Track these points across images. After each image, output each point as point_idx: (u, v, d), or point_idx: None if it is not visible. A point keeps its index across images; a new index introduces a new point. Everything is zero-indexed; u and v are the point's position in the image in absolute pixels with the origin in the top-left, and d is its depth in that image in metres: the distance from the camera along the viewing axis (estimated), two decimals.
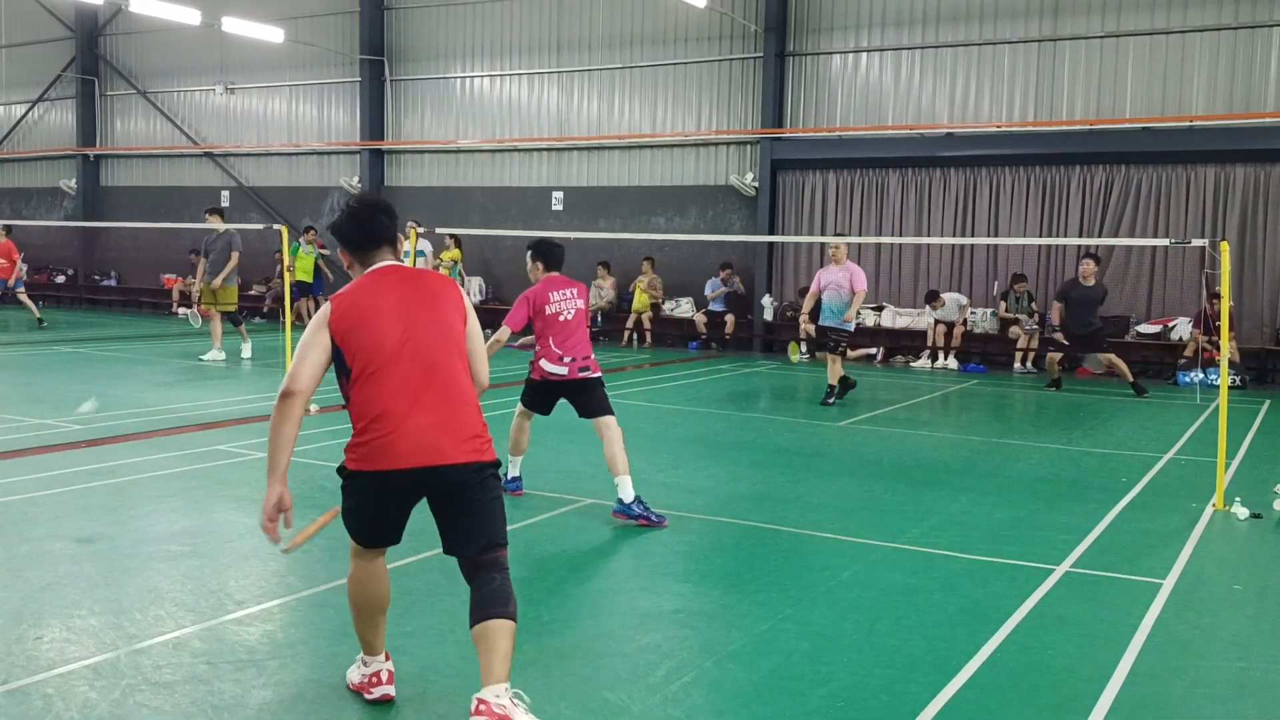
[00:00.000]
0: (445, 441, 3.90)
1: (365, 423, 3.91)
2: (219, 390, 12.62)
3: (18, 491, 7.29)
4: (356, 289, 4.01)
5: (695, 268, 20.42)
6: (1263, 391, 15.10)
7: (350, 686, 4.25)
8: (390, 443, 3.86)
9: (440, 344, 3.99)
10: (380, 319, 3.93)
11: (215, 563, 5.86)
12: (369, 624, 4.17)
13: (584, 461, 8.91)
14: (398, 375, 3.90)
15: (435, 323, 4.01)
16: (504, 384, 11.87)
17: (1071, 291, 14.47)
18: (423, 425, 3.88)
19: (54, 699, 4.08)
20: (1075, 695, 4.33)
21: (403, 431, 3.86)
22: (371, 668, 4.17)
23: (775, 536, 6.70)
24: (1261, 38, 16.08)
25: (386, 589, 4.22)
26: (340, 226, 4.16)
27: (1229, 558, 6.61)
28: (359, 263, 4.14)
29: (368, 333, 3.91)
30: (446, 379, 3.97)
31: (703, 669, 4.51)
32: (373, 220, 4.13)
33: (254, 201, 24.84)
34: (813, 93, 19.31)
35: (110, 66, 27.40)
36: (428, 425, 3.88)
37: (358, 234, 4.12)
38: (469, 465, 3.92)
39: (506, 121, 22.31)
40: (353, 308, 3.94)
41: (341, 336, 3.90)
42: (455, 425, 3.94)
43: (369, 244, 4.12)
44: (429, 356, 3.95)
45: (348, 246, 4.15)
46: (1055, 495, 8.08)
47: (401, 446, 3.86)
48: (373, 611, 4.16)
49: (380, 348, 3.90)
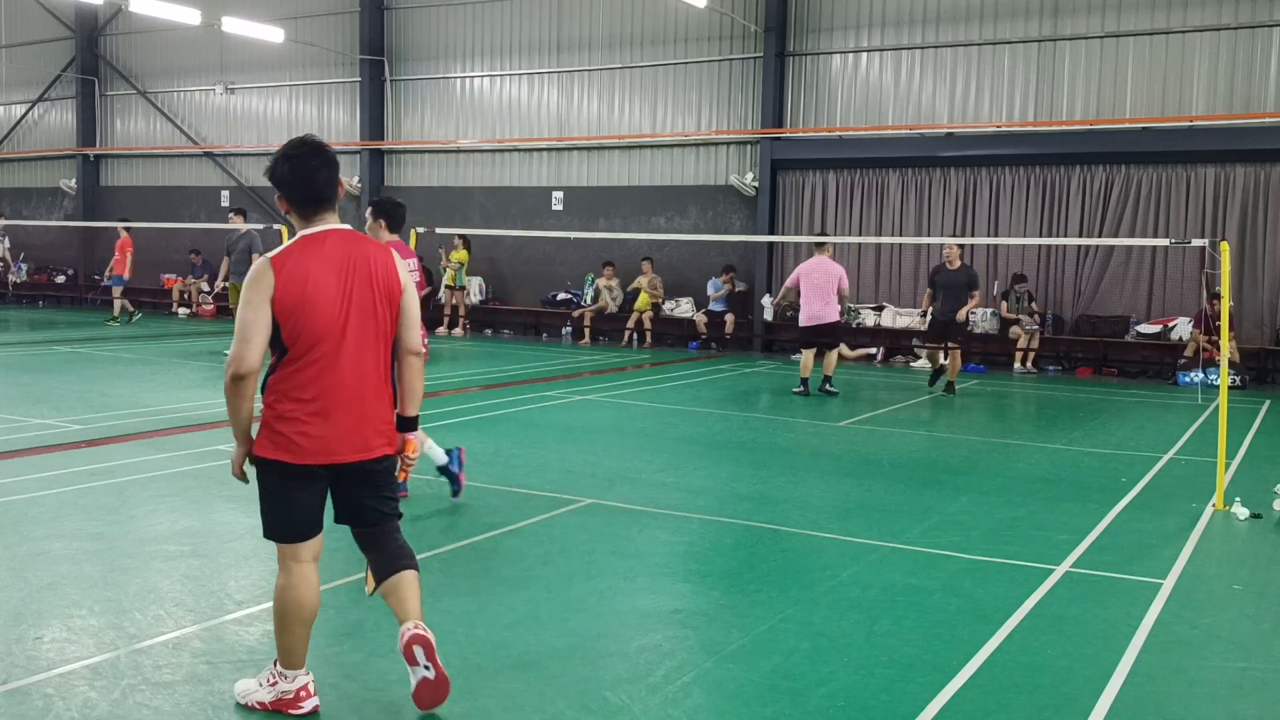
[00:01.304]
0: (371, 436, 4.01)
1: (296, 408, 3.89)
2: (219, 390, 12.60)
3: (18, 491, 7.29)
4: (300, 259, 3.90)
5: (695, 268, 20.43)
6: (1263, 391, 15.10)
7: (258, 705, 4.03)
8: (324, 435, 3.90)
9: (374, 329, 4.00)
10: (326, 303, 3.88)
11: (215, 563, 5.86)
12: (297, 635, 4.03)
13: (584, 461, 8.91)
14: (336, 366, 3.91)
15: (373, 306, 3.98)
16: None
17: (937, 276, 13.82)
18: (355, 420, 3.95)
19: (54, 699, 4.08)
20: (1075, 695, 4.33)
21: (341, 425, 3.92)
22: (297, 682, 4.04)
23: (775, 536, 6.70)
24: (1261, 38, 16.09)
25: (316, 597, 4.07)
26: (281, 176, 4.04)
27: (1229, 558, 6.61)
28: (298, 216, 4.05)
29: (311, 315, 3.86)
30: (374, 370, 4.01)
31: (703, 669, 4.51)
32: (315, 172, 4.03)
33: (254, 201, 24.84)
34: (813, 93, 19.32)
35: (110, 66, 27.40)
36: (357, 420, 3.96)
37: (299, 187, 4.03)
38: (387, 457, 4.10)
39: (506, 121, 22.31)
40: (297, 284, 3.84)
41: (283, 314, 3.84)
42: (378, 418, 4.04)
43: (310, 201, 4.03)
44: (365, 346, 3.97)
45: (288, 197, 4.05)
46: (1055, 495, 8.08)
47: (335, 442, 3.92)
48: (303, 622, 4.04)
49: (323, 336, 3.89)
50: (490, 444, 9.52)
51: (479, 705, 4.09)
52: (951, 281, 13.44)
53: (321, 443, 3.90)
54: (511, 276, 22.45)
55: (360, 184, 23.73)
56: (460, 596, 5.34)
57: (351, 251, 4.00)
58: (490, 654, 4.59)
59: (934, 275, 13.84)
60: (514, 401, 12.28)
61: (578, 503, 7.40)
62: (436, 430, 10.21)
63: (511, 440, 9.76)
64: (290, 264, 3.88)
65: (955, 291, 13.40)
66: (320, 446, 3.90)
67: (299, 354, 3.88)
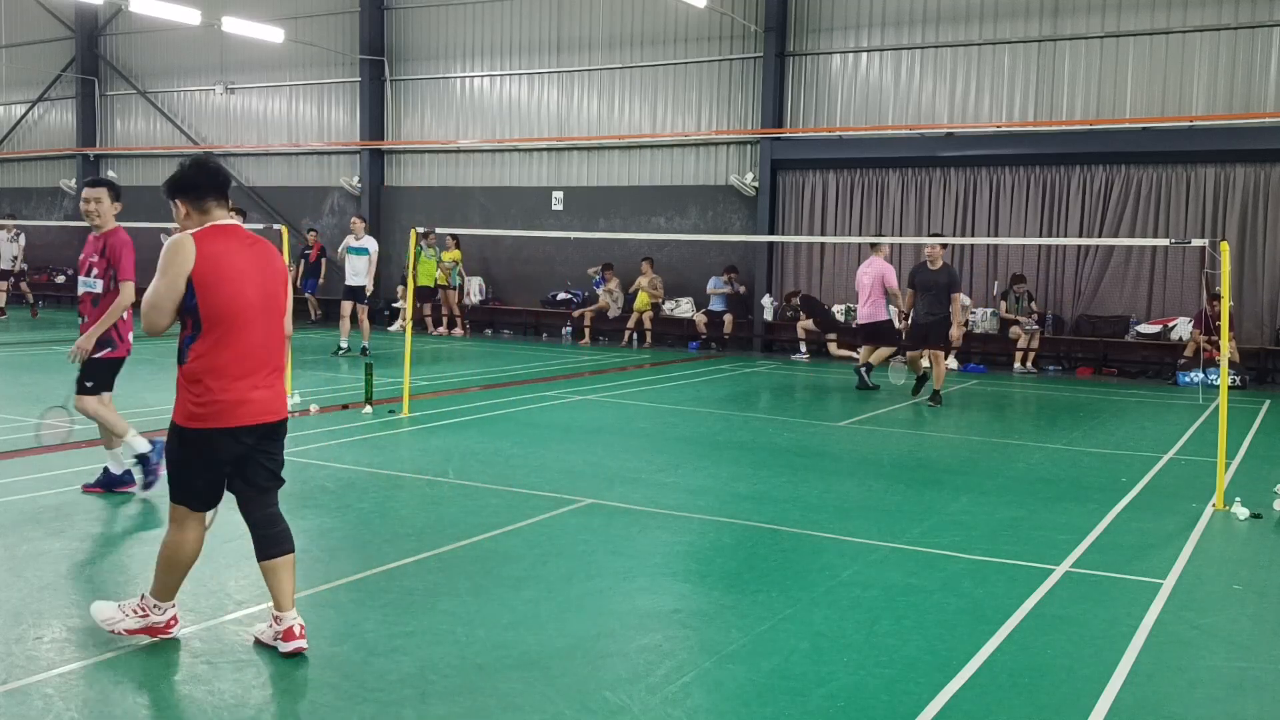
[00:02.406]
0: (278, 400, 4.57)
1: (218, 380, 4.35)
2: None
3: (18, 491, 7.28)
4: (215, 240, 4.37)
5: (695, 268, 20.43)
6: (1263, 391, 15.10)
7: (124, 632, 4.58)
8: (245, 400, 4.39)
9: (277, 308, 4.57)
10: (241, 281, 4.38)
11: (215, 563, 5.85)
12: (178, 578, 4.61)
13: (584, 461, 8.91)
14: (251, 338, 4.42)
15: (275, 287, 4.55)
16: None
17: (917, 276, 13.02)
18: (268, 384, 4.50)
19: (54, 699, 4.08)
20: (1075, 695, 4.33)
21: (255, 392, 4.43)
22: (168, 613, 4.62)
23: (775, 536, 6.70)
24: (1261, 38, 16.09)
25: (200, 548, 4.63)
26: (189, 176, 4.49)
27: (1229, 558, 6.61)
28: (198, 213, 4.48)
29: (228, 292, 4.34)
30: (279, 342, 4.60)
31: (703, 669, 4.51)
32: (219, 172, 4.56)
33: (254, 201, 24.83)
34: (813, 93, 19.32)
35: (110, 66, 27.41)
36: (270, 385, 4.51)
37: (206, 182, 4.48)
38: (285, 420, 4.65)
39: (506, 121, 22.31)
40: (216, 260, 4.33)
41: (202, 287, 4.30)
42: (281, 384, 4.62)
43: (212, 194, 4.49)
44: (272, 320, 4.53)
45: (192, 194, 4.47)
46: (1055, 495, 8.07)
47: (255, 405, 4.43)
48: (186, 568, 4.62)
49: (240, 310, 4.37)
50: (490, 444, 9.53)
51: (479, 705, 4.09)
52: (932, 282, 12.74)
53: (248, 407, 4.41)
54: (511, 276, 22.44)
55: (360, 184, 23.73)
56: (460, 596, 5.34)
57: (255, 242, 4.57)
58: (490, 654, 4.59)
59: (913, 276, 13.10)
60: (514, 401, 12.28)
61: (578, 503, 7.40)
62: (437, 430, 10.22)
63: (511, 440, 9.76)
64: (209, 242, 4.36)
65: (936, 293, 12.72)
66: (247, 411, 4.41)
67: (214, 327, 4.34)
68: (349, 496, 7.42)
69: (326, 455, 8.81)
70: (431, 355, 17.34)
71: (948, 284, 12.77)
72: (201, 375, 4.35)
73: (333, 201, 24.21)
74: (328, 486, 7.70)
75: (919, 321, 12.93)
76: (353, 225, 17.18)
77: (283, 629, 4.50)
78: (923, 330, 12.89)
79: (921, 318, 12.87)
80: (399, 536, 6.45)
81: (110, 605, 4.68)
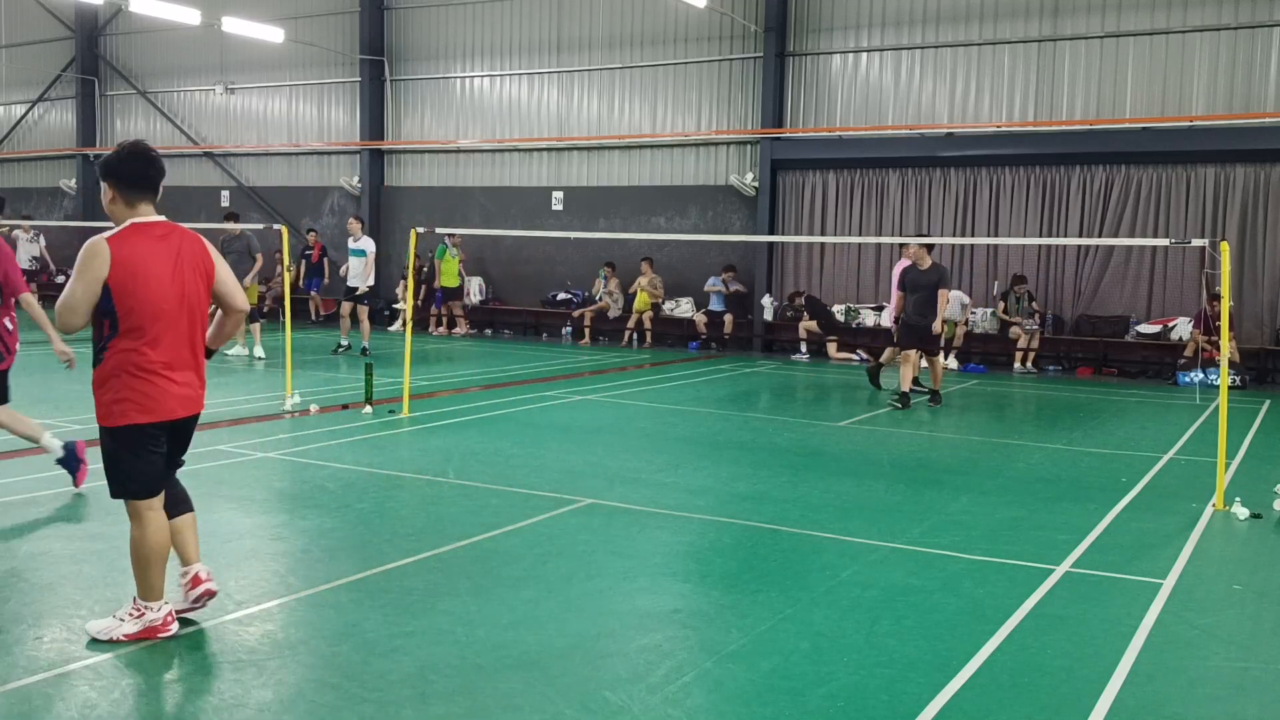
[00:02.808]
0: (199, 394, 4.75)
1: (147, 376, 4.48)
2: (219, 390, 12.61)
3: (18, 491, 7.29)
4: (134, 241, 4.47)
5: (695, 268, 20.43)
6: (1263, 391, 15.10)
7: (123, 638, 4.59)
8: (167, 395, 4.55)
9: (199, 304, 4.67)
10: (159, 282, 4.48)
11: (215, 563, 5.85)
12: (159, 572, 4.66)
13: (584, 461, 8.92)
14: (172, 335, 4.55)
15: (196, 285, 4.63)
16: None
17: (907, 277, 12.82)
18: (189, 380, 4.66)
19: (54, 699, 4.08)
20: (1075, 695, 4.33)
21: (178, 387, 4.59)
22: (162, 611, 4.67)
23: (775, 536, 6.70)
24: (1261, 38, 16.09)
25: (169, 534, 4.75)
26: (121, 163, 4.55)
27: (1229, 558, 6.61)
28: (124, 202, 4.57)
29: (144, 295, 4.44)
30: (198, 338, 4.71)
31: (703, 669, 4.51)
32: (152, 164, 4.62)
33: (254, 201, 24.84)
34: (813, 93, 19.32)
35: (110, 66, 27.41)
36: (191, 380, 4.67)
37: (138, 172, 4.56)
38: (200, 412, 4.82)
39: (506, 121, 22.31)
40: (131, 264, 4.42)
41: (119, 291, 4.40)
42: (200, 379, 4.76)
43: (143, 186, 4.58)
44: (192, 318, 4.64)
45: (123, 180, 4.55)
46: (1055, 495, 8.07)
47: (176, 401, 4.59)
48: (163, 559, 4.69)
49: (159, 310, 4.49)
50: (490, 444, 9.53)
51: (479, 705, 4.09)
52: (922, 283, 12.58)
53: (174, 402, 4.59)
54: (511, 276, 22.44)
55: (360, 184, 23.73)
56: (460, 596, 5.34)
57: (176, 238, 4.63)
58: (490, 654, 4.59)
59: (903, 277, 12.89)
60: (514, 401, 12.28)
61: (578, 503, 7.40)
62: (437, 430, 10.22)
63: (511, 440, 9.76)
64: (126, 246, 4.45)
65: (927, 293, 12.56)
66: (173, 405, 4.59)
67: (133, 327, 4.45)
68: (349, 496, 7.42)
69: (326, 455, 8.82)
70: (431, 355, 17.34)
71: (938, 283, 12.62)
72: (120, 373, 4.48)
73: (333, 201, 24.20)
74: (328, 486, 7.70)
75: (910, 323, 12.79)
76: (350, 226, 17.22)
77: (189, 578, 4.85)
78: (915, 332, 12.75)
79: (913, 319, 12.72)
80: (399, 536, 6.45)
81: (104, 620, 4.71)
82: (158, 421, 4.56)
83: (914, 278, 12.67)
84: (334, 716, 4.00)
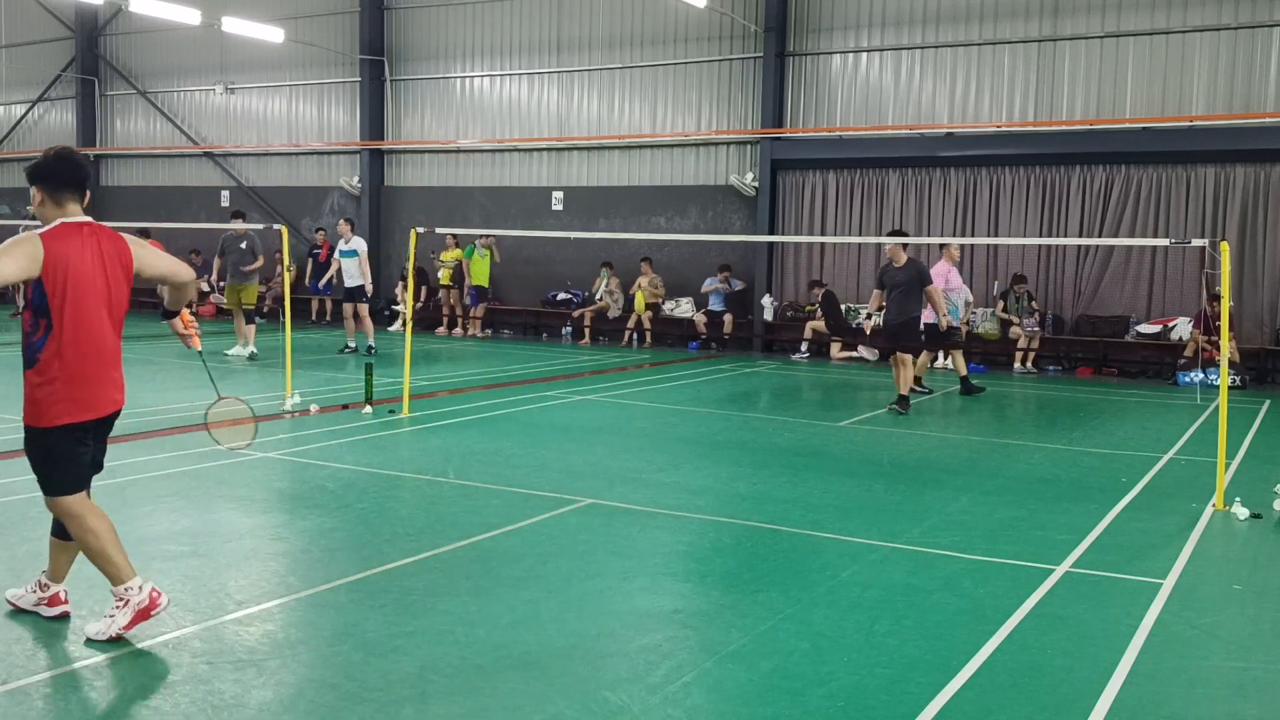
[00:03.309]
0: (122, 391, 4.82)
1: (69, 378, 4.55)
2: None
3: (18, 491, 7.28)
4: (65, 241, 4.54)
5: (695, 268, 20.42)
6: (1263, 391, 15.10)
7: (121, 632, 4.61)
8: (94, 395, 4.64)
9: (121, 301, 4.76)
10: (89, 280, 4.57)
11: (215, 563, 5.86)
12: (116, 553, 4.69)
13: (584, 461, 8.92)
14: (98, 334, 4.62)
15: (119, 280, 4.72)
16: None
17: (884, 276, 12.42)
18: (113, 379, 4.74)
19: (54, 699, 4.09)
20: (1075, 695, 4.33)
21: (103, 386, 4.67)
22: (145, 589, 4.68)
23: (775, 536, 6.70)
24: (1261, 38, 16.09)
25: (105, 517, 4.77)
26: (50, 165, 4.67)
27: (1229, 558, 6.61)
28: (53, 203, 4.66)
29: (76, 292, 4.52)
30: (118, 337, 4.79)
31: (703, 669, 4.51)
32: (79, 167, 4.73)
33: (254, 201, 24.84)
34: (813, 93, 19.32)
35: (110, 66, 27.40)
36: (114, 378, 4.75)
37: (66, 173, 4.66)
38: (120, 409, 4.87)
39: (506, 121, 22.31)
40: (65, 259, 4.50)
41: (52, 286, 4.48)
42: (121, 377, 4.83)
43: (71, 186, 4.67)
44: (115, 317, 4.73)
45: (51, 183, 4.66)
46: (1055, 495, 8.07)
47: (103, 399, 4.67)
48: (115, 541, 4.73)
49: (89, 310, 4.57)
50: (490, 444, 9.53)
51: (479, 705, 4.09)
52: (899, 279, 12.15)
53: (98, 400, 4.65)
54: (511, 276, 22.43)
55: (360, 184, 23.73)
56: (460, 596, 5.34)
57: (101, 239, 4.71)
58: (490, 654, 4.59)
59: (881, 275, 12.55)
60: (514, 401, 12.28)
61: (578, 503, 7.40)
62: (437, 430, 10.22)
63: (511, 440, 9.76)
64: (58, 244, 4.53)
65: (905, 290, 12.12)
66: (97, 404, 4.65)
67: (64, 324, 4.51)
68: (349, 496, 7.42)
69: (326, 455, 8.82)
70: (432, 355, 17.34)
71: (917, 280, 12.22)
72: (54, 375, 4.54)
73: (333, 201, 24.19)
74: (328, 486, 7.70)
75: (887, 323, 12.51)
76: (339, 229, 17.22)
77: (48, 596, 4.90)
78: (891, 332, 12.47)
79: (890, 319, 12.37)
80: (399, 536, 6.45)
81: (97, 622, 4.72)
82: (84, 420, 4.63)
83: (890, 275, 12.31)
84: (334, 716, 4.00)
